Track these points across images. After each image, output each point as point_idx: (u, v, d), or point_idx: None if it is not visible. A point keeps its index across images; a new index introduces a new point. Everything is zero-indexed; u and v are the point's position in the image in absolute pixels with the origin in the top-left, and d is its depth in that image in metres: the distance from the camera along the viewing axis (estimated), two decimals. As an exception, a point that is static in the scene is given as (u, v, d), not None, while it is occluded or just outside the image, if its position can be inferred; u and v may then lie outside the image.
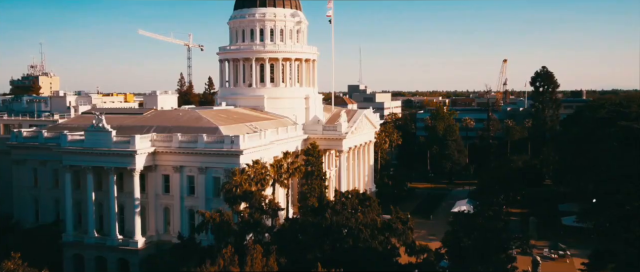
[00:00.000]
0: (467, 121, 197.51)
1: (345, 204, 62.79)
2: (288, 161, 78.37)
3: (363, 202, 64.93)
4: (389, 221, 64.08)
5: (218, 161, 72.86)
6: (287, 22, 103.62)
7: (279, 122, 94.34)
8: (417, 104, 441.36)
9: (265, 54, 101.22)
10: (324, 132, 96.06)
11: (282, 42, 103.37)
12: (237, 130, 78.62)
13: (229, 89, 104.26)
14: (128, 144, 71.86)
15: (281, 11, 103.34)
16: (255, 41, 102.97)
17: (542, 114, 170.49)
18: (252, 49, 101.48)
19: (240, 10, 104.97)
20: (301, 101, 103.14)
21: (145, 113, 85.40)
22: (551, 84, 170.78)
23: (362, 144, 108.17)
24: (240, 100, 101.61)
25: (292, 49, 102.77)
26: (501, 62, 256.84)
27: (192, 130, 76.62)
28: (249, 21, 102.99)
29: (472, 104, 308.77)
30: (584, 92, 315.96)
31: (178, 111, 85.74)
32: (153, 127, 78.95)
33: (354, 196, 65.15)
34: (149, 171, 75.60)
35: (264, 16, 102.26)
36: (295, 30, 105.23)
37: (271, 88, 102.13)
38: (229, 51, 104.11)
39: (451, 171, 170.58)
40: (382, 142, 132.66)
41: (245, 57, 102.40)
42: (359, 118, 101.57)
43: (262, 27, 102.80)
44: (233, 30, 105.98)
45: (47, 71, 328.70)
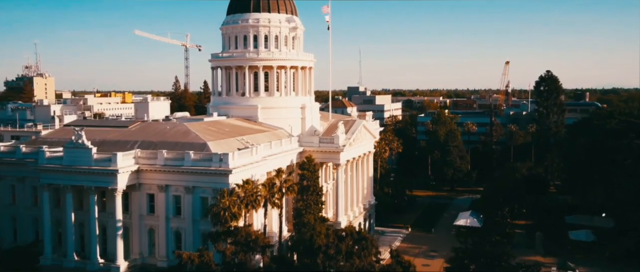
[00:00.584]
0: (469, 126, 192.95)
1: (339, 247, 57.75)
2: (281, 179, 73.50)
3: (359, 242, 59.80)
4: (388, 266, 58.95)
5: (206, 180, 68.04)
6: (282, 28, 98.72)
7: (273, 135, 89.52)
8: (418, 104, 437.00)
9: (259, 61, 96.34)
10: (320, 144, 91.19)
11: (276, 49, 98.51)
12: (227, 146, 73.83)
13: (222, 99, 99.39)
14: (109, 162, 67.07)
15: (276, 17, 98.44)
16: (248, 48, 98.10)
17: (547, 120, 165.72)
18: (245, 56, 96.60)
19: (232, 16, 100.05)
20: (297, 111, 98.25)
21: (130, 126, 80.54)
22: (556, 89, 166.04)
23: (361, 155, 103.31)
24: (233, 110, 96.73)
25: (287, 57, 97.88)
26: (503, 64, 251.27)
27: (178, 147, 71.82)
28: (242, 27, 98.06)
29: (473, 105, 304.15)
30: (587, 95, 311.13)
31: (166, 124, 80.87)
32: (138, 143, 74.13)
33: (349, 237, 60.06)
34: (133, 189, 70.80)
35: (257, 22, 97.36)
36: (291, 37, 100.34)
37: (265, 97, 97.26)
38: (221, 58, 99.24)
39: (453, 177, 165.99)
40: (381, 151, 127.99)
41: (238, 65, 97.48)
42: (357, 129, 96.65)
43: (255, 33, 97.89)
44: (226, 36, 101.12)
45: (42, 72, 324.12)
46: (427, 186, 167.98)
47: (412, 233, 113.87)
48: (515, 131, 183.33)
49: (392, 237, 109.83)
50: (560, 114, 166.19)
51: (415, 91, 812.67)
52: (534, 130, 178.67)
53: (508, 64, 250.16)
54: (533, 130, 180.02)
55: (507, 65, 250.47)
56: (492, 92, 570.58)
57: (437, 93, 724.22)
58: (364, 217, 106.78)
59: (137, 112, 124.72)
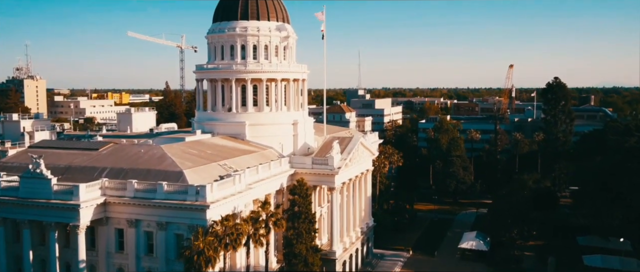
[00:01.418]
0: (472, 133, 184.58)
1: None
2: (268, 211, 65.40)
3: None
4: None
5: (181, 215, 59.95)
6: (273, 37, 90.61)
7: (262, 156, 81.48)
8: (418, 106, 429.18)
9: (246, 74, 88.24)
10: (313, 166, 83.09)
11: (266, 60, 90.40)
12: (207, 174, 65.79)
13: (207, 114, 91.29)
14: (71, 194, 58.99)
15: (266, 25, 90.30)
16: (235, 59, 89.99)
17: (554, 129, 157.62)
18: (231, 68, 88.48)
19: (219, 24, 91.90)
20: (288, 127, 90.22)
21: (101, 149, 72.39)
22: (564, 97, 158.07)
23: (358, 175, 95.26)
24: (218, 127, 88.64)
25: (278, 68, 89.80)
26: (507, 68, 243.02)
27: (151, 175, 63.72)
28: (229, 36, 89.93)
29: (475, 109, 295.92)
30: (593, 98, 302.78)
31: (140, 147, 72.70)
32: (107, 170, 66.07)
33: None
34: (100, 224, 62.76)
35: (245, 31, 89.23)
36: (282, 46, 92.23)
37: (254, 113, 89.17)
38: (206, 70, 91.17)
39: (456, 189, 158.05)
40: (381, 165, 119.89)
41: (224, 78, 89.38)
42: (354, 148, 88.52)
43: (243, 43, 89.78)
44: (211, 46, 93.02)
45: (33, 74, 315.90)
46: (428, 197, 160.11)
47: (414, 257, 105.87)
48: (520, 140, 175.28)
49: (392, 262, 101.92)
50: (568, 123, 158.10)
51: (415, 90, 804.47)
52: (541, 138, 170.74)
53: (512, 67, 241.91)
54: (539, 138, 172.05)
55: (511, 69, 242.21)
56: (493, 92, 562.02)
57: (437, 93, 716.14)
58: (362, 241, 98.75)
59: (120, 124, 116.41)
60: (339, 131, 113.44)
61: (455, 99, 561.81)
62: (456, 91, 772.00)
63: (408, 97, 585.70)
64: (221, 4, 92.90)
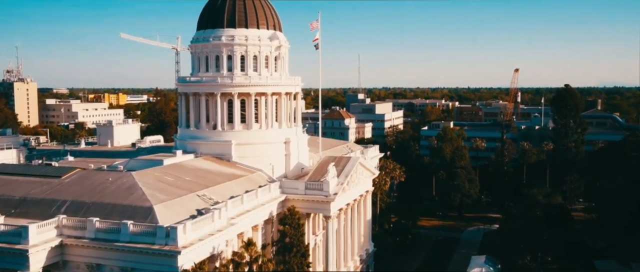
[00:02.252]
0: (477, 142, 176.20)
1: None
2: (252, 253, 56.78)
3: None
4: None
5: (148, 260, 51.22)
6: (263, 46, 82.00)
7: (249, 180, 72.88)
8: (419, 108, 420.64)
9: (233, 87, 79.61)
10: (306, 192, 74.46)
11: (255, 72, 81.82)
12: (183, 208, 57.21)
13: (189, 131, 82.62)
14: (19, 237, 50.39)
15: (255, 33, 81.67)
16: (221, 71, 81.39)
17: (565, 139, 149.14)
18: (216, 81, 79.84)
19: (203, 32, 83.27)
20: (280, 146, 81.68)
21: (64, 176, 63.76)
22: (575, 105, 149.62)
23: (357, 198, 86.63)
24: (202, 146, 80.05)
25: (268, 81, 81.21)
26: (512, 72, 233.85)
27: (117, 212, 55.11)
28: (214, 46, 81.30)
29: (479, 113, 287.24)
30: (599, 102, 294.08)
31: (109, 174, 64.05)
32: (67, 203, 57.43)
33: None
34: (56, 268, 54.09)
35: (232, 40, 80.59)
36: (273, 57, 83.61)
37: (241, 131, 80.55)
38: (189, 83, 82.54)
39: (461, 203, 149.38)
40: (381, 182, 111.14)
41: (208, 92, 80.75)
42: (352, 169, 79.86)
43: (230, 53, 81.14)
44: (195, 56, 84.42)
45: (23, 77, 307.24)
46: (432, 211, 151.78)
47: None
48: (528, 149, 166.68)
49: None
50: (580, 133, 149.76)
51: (415, 90, 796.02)
52: (550, 148, 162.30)
53: (517, 71, 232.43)
54: (548, 148, 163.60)
55: (516, 73, 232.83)
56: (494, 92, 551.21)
57: (438, 93, 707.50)
58: (361, 270, 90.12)
59: (101, 138, 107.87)
60: (336, 146, 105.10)
61: (457, 99, 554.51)
62: (457, 91, 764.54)
63: (409, 97, 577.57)
64: (206, 10, 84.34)
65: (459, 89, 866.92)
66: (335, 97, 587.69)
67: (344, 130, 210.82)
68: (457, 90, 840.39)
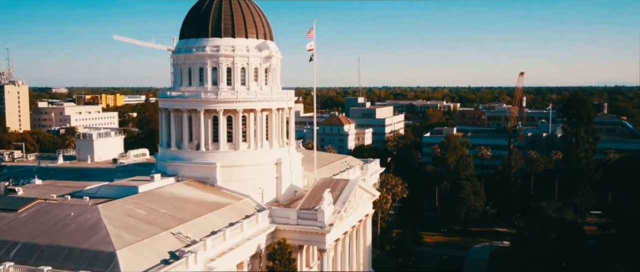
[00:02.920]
0: (482, 151, 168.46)
1: None
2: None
3: None
4: None
5: (109, 319, 43.56)
6: (251, 58, 74.22)
7: (234, 209, 65.12)
8: (420, 110, 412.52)
9: (218, 104, 71.82)
10: (299, 222, 66.65)
11: (243, 86, 74.05)
12: (152, 251, 49.46)
13: (171, 152, 74.78)
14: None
15: (243, 43, 73.88)
16: (205, 85, 73.58)
17: (576, 149, 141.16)
18: (200, 96, 72.03)
19: (186, 42, 75.51)
20: (270, 168, 73.95)
21: (21, 210, 55.95)
22: (587, 114, 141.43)
23: (356, 225, 78.84)
24: (184, 168, 72.25)
25: (257, 96, 73.39)
26: (518, 75, 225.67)
27: (74, 257, 47.31)
28: (197, 57, 73.49)
29: (482, 117, 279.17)
30: (606, 106, 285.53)
31: (71, 208, 56.19)
32: (18, 246, 49.65)
33: None
34: (3, 325, 46.43)
35: (217, 50, 72.77)
36: (263, 69, 75.81)
37: (227, 152, 72.76)
38: (170, 98, 74.69)
39: (466, 217, 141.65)
40: (383, 201, 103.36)
41: (191, 108, 72.99)
42: (350, 194, 72.06)
43: (215, 65, 73.34)
44: (177, 68, 76.65)
45: (14, 79, 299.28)
46: (436, 225, 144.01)
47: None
48: (536, 159, 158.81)
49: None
50: (592, 143, 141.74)
51: (416, 90, 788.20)
52: (559, 157, 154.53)
53: (522, 75, 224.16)
54: (557, 157, 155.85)
55: (522, 77, 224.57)
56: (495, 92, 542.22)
57: (438, 93, 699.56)
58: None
59: (80, 153, 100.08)
60: (333, 161, 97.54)
61: (458, 100, 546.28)
62: (458, 91, 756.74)
63: (410, 98, 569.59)
64: (189, 17, 76.55)
65: (460, 89, 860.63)
66: (335, 97, 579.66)
67: (343, 136, 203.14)
68: (458, 89, 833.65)
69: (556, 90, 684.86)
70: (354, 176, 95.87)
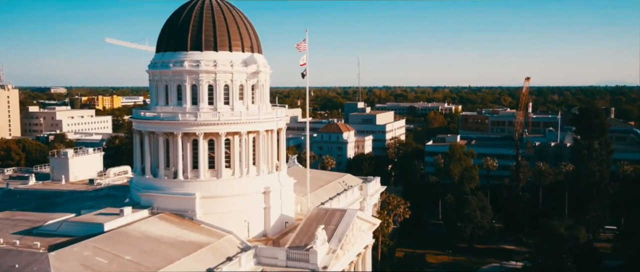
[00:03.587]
0: (488, 162, 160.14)
1: None
2: None
3: None
4: None
5: None
6: (236, 73, 65.86)
7: (214, 250, 56.79)
8: (421, 112, 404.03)
9: (198, 126, 63.50)
10: (288, 264, 58.36)
11: (226, 106, 65.70)
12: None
13: (145, 180, 66.43)
14: None
15: (226, 57, 65.53)
16: (184, 105, 65.20)
17: (589, 163, 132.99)
18: (177, 118, 63.67)
19: (162, 56, 67.10)
20: (257, 198, 65.69)
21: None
22: (601, 125, 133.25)
23: (354, 260, 70.44)
24: (159, 199, 63.88)
25: (242, 117, 65.04)
26: (524, 80, 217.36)
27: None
28: (175, 73, 65.11)
29: (485, 122, 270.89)
30: (613, 111, 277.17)
31: (18, 256, 47.87)
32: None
33: None
34: None
35: (197, 66, 64.41)
36: (250, 86, 67.45)
37: (208, 180, 64.41)
38: (144, 119, 66.31)
39: (472, 235, 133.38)
40: (384, 225, 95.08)
41: (167, 131, 64.67)
42: (348, 229, 63.71)
43: (195, 82, 64.99)
44: (154, 84, 68.22)
45: (4, 83, 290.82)
46: (439, 241, 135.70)
47: None
48: (544, 170, 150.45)
49: None
50: (606, 156, 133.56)
51: (416, 90, 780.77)
52: (569, 169, 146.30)
53: (528, 80, 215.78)
54: (568, 169, 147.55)
55: (528, 82, 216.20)
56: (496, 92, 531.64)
57: (439, 93, 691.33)
58: None
59: (54, 173, 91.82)
60: (329, 181, 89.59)
61: (459, 100, 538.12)
62: (458, 91, 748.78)
63: (410, 99, 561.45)
64: (166, 28, 68.17)
65: (460, 89, 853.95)
66: (335, 98, 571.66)
67: (342, 145, 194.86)
68: (458, 89, 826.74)
69: (557, 90, 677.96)
70: (352, 198, 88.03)
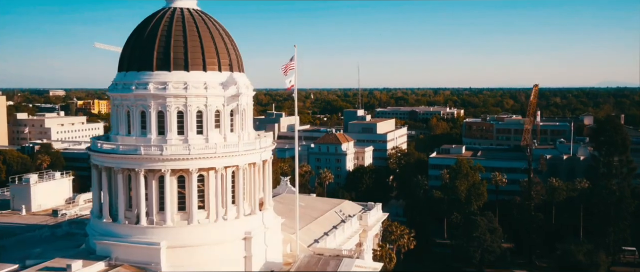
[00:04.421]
0: (497, 177, 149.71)
1: None
2: None
3: None
4: None
5: None
6: (212, 97, 55.34)
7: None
8: (423, 116, 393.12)
9: (165, 162, 52.95)
10: (270, 334, 47.88)
11: (200, 136, 55.13)
12: None
13: (102, 224, 55.88)
14: None
15: (200, 78, 54.97)
16: (148, 135, 54.60)
17: (608, 182, 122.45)
18: (138, 152, 53.07)
19: (124, 76, 56.56)
20: (237, 245, 55.21)
21: None
22: (622, 142, 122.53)
23: (351, 316, 59.87)
24: (119, 249, 53.32)
25: (218, 150, 54.45)
26: (532, 88, 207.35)
27: None
28: (137, 97, 54.53)
29: (490, 129, 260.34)
30: (622, 117, 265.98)
31: None
32: None
33: None
34: None
35: (164, 88, 53.86)
36: (228, 111, 56.89)
37: (177, 227, 53.86)
38: (101, 152, 55.68)
39: (482, 260, 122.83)
40: (385, 257, 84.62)
41: (127, 168, 54.13)
42: (343, 284, 53.28)
43: (161, 108, 54.44)
44: (114, 109, 57.66)
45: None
46: (446, 266, 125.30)
47: None
48: (558, 187, 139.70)
49: None
50: (627, 174, 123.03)
51: (417, 92, 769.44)
52: (584, 186, 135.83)
53: (536, 87, 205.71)
54: (582, 185, 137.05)
55: (536, 89, 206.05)
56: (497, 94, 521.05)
57: (440, 96, 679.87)
58: None
59: (15, 201, 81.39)
60: (323, 212, 79.42)
61: (460, 103, 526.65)
62: (459, 93, 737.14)
63: (411, 101, 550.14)
64: (129, 43, 57.63)
65: (461, 90, 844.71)
66: (335, 101, 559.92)
67: (341, 156, 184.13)
68: (459, 91, 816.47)
69: (559, 92, 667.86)
70: (351, 230, 77.97)
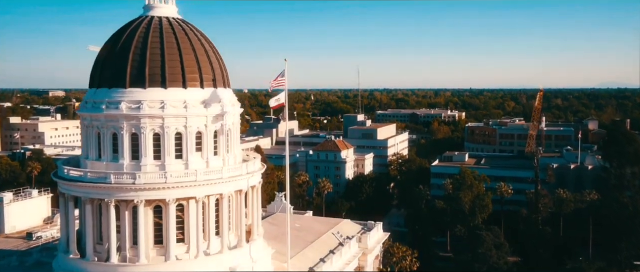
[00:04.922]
0: (502, 188, 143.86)
1: None
2: None
3: None
4: None
5: None
6: (192, 118, 49.33)
7: None
8: (424, 119, 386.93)
9: (138, 192, 46.94)
10: None
11: (179, 161, 49.14)
12: None
13: (69, 261, 49.87)
14: None
15: (178, 96, 48.98)
16: (121, 159, 48.57)
17: (620, 195, 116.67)
18: (108, 180, 47.04)
19: (94, 94, 50.55)
20: (220, 284, 49.15)
21: None
22: (635, 153, 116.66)
23: None
24: (86, 289, 47.48)
25: (199, 177, 48.43)
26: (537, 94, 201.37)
27: None
28: (108, 118, 48.50)
29: (493, 134, 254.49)
30: (628, 122, 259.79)
31: None
32: None
33: None
34: None
35: (139, 108, 47.87)
36: (212, 132, 50.89)
37: (152, 264, 47.88)
38: (67, 180, 49.66)
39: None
40: (386, 284, 78.60)
41: (97, 198, 48.13)
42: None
43: (135, 130, 48.42)
44: (84, 130, 51.68)
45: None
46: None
47: None
48: (565, 198, 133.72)
49: None
50: (639, 186, 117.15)
51: (417, 93, 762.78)
52: (594, 198, 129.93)
53: (541, 93, 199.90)
54: (591, 197, 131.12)
55: (540, 95, 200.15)
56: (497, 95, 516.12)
57: (441, 97, 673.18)
58: None
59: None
60: (321, 235, 73.32)
61: (462, 105, 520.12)
62: (460, 94, 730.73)
63: (412, 103, 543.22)
64: (100, 56, 51.61)
65: (462, 91, 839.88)
66: (335, 103, 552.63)
67: (340, 164, 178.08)
68: (459, 92, 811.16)
69: (559, 93, 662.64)
70: (349, 254, 71.96)
